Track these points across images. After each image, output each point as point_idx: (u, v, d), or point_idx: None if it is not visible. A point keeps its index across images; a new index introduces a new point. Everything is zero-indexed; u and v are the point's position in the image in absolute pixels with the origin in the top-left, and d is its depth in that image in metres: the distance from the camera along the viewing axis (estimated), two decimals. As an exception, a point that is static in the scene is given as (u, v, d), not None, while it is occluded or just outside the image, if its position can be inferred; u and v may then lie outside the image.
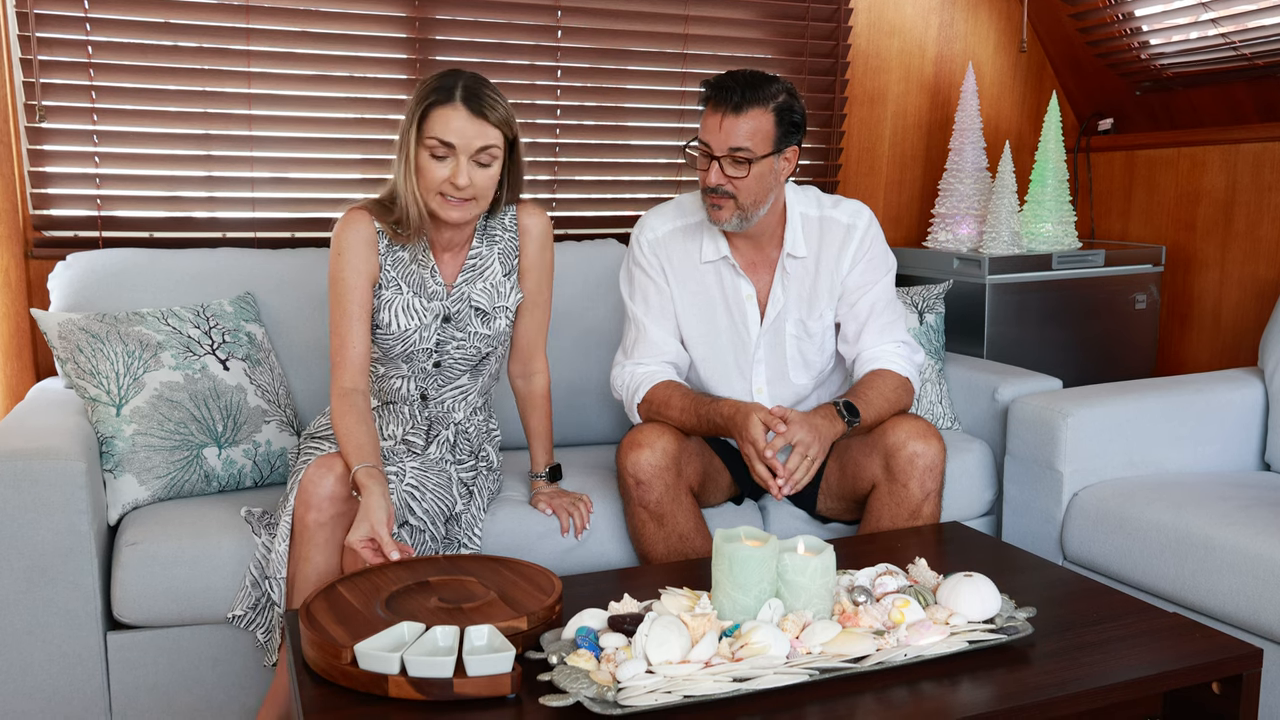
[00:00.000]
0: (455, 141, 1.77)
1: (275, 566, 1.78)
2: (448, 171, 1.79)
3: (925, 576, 1.53)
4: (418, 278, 1.92)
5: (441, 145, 1.78)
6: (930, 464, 1.93)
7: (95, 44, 2.41)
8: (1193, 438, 2.38)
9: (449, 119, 1.77)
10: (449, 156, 1.78)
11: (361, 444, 1.76)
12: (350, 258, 1.86)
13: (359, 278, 1.86)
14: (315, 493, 1.72)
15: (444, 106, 1.77)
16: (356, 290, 1.86)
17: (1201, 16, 2.79)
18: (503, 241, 1.99)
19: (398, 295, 1.90)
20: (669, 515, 1.94)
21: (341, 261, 1.86)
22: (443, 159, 1.79)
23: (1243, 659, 1.40)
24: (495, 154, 1.81)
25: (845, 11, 3.09)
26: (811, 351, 2.11)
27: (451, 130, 1.77)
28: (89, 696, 1.82)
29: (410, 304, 1.91)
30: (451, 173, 1.78)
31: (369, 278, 1.88)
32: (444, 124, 1.77)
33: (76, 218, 2.46)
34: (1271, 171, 2.81)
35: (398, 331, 1.91)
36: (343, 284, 1.86)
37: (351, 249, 1.86)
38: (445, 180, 1.79)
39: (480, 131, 1.78)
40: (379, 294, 1.90)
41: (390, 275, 1.90)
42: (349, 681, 1.27)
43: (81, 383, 2.00)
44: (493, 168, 1.82)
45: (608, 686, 1.24)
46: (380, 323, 1.90)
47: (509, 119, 1.83)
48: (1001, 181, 2.92)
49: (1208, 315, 3.03)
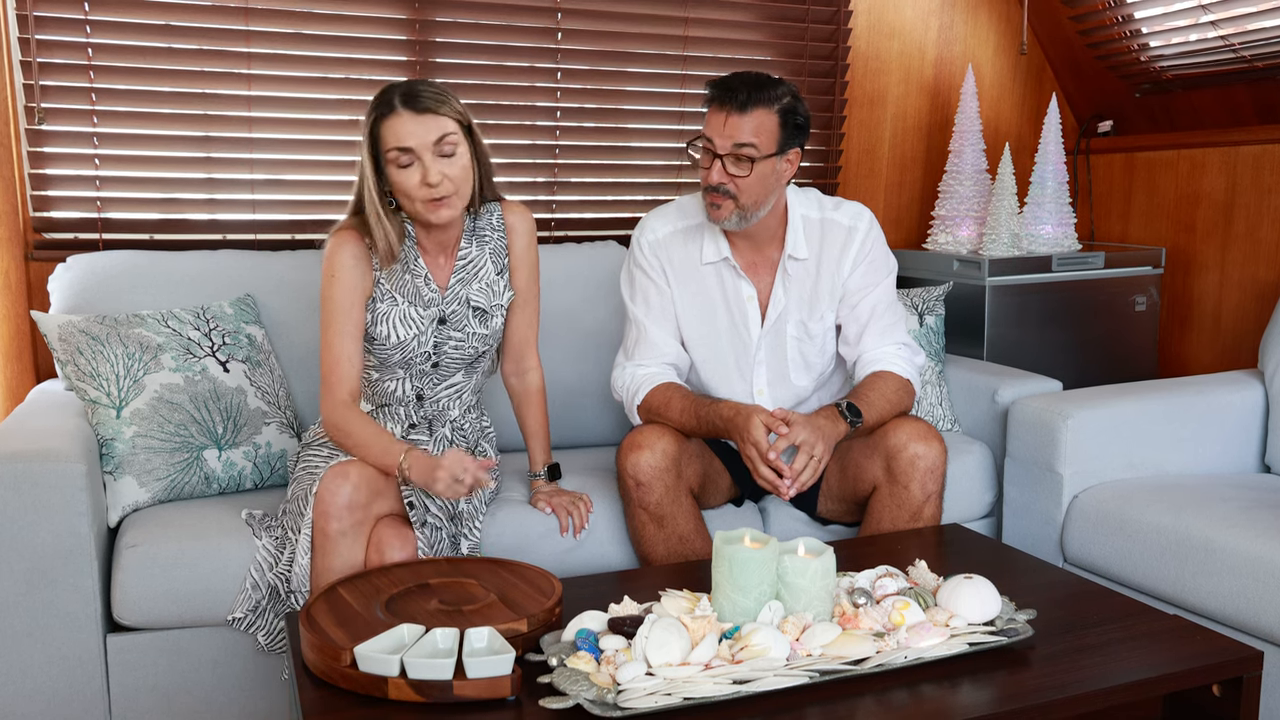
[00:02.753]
0: (412, 144, 1.79)
1: (299, 581, 1.77)
2: (418, 175, 1.80)
3: (925, 578, 1.53)
4: (412, 287, 1.93)
5: (401, 153, 1.79)
6: (931, 466, 1.93)
7: (95, 46, 2.41)
8: (1193, 440, 2.37)
9: (396, 126, 1.79)
10: (413, 161, 1.80)
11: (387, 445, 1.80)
12: (345, 277, 1.87)
13: (354, 295, 1.88)
14: (334, 502, 1.72)
15: (388, 118, 1.80)
16: (353, 309, 1.88)
17: (1201, 19, 2.80)
18: (492, 241, 2.01)
19: (394, 307, 1.92)
20: (669, 517, 1.94)
21: (336, 282, 1.87)
22: (408, 166, 1.80)
23: (1243, 661, 1.40)
24: (454, 141, 1.82)
25: (845, 14, 3.09)
26: (812, 353, 2.11)
27: (403, 134, 1.78)
28: (89, 699, 1.82)
29: (407, 314, 1.92)
30: (422, 175, 1.80)
31: (364, 295, 1.90)
32: (394, 132, 1.79)
33: (77, 220, 2.46)
34: (1271, 174, 2.81)
35: (396, 342, 1.92)
36: (335, 303, 1.87)
37: (346, 268, 1.87)
38: (419, 184, 1.80)
39: (430, 125, 1.79)
40: (374, 308, 1.91)
41: (385, 289, 1.92)
42: (349, 684, 1.27)
43: (81, 385, 2.00)
44: (458, 156, 1.83)
45: (608, 689, 1.24)
46: (377, 335, 1.92)
47: (458, 107, 1.84)
48: (1001, 183, 2.92)
49: (1208, 317, 3.03)
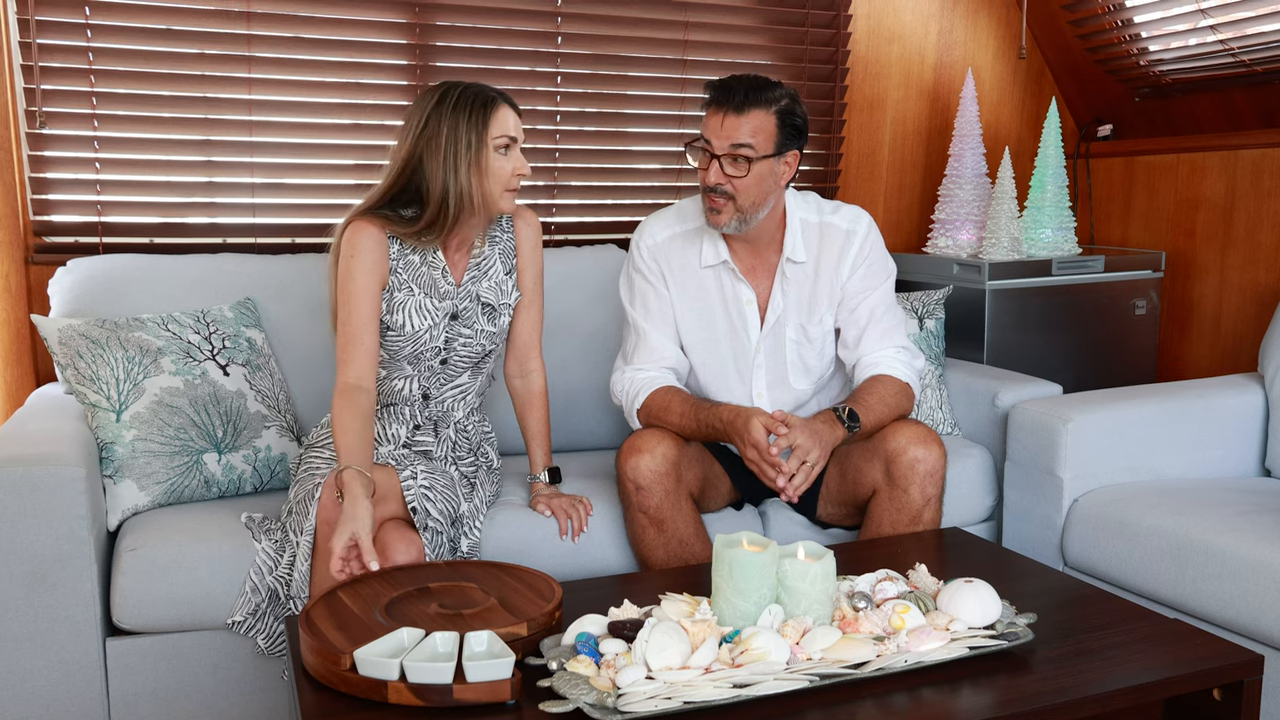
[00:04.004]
0: (516, 135, 1.95)
1: (298, 587, 1.77)
2: (514, 163, 1.93)
3: (925, 582, 1.53)
4: (428, 279, 1.96)
5: (507, 141, 1.92)
6: (931, 469, 1.93)
7: (96, 50, 2.41)
8: (1193, 443, 2.37)
9: (505, 118, 1.93)
10: (511, 149, 1.93)
11: (353, 445, 1.76)
12: (363, 261, 1.89)
13: (372, 280, 1.90)
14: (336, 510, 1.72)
15: (498, 108, 1.92)
16: (369, 293, 1.90)
17: (1200, 23, 2.80)
18: (501, 242, 2.06)
19: (410, 297, 1.94)
20: (669, 520, 1.94)
21: (354, 265, 1.89)
22: (507, 153, 1.93)
23: (1243, 665, 1.40)
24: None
25: (845, 18, 3.09)
26: (811, 356, 2.11)
27: (510, 125, 1.94)
28: (88, 702, 1.81)
29: (422, 305, 1.95)
30: (516, 164, 1.94)
31: (381, 282, 1.92)
32: (503, 123, 1.92)
33: (77, 223, 2.46)
34: (1270, 178, 2.81)
35: (410, 332, 1.94)
36: (355, 286, 1.89)
37: (365, 253, 1.90)
38: (513, 173, 1.94)
39: (520, 124, 1.97)
40: (390, 297, 1.94)
41: (402, 278, 1.94)
42: (348, 688, 1.27)
43: (81, 388, 2.00)
44: None
45: (607, 692, 1.24)
46: (393, 325, 1.94)
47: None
48: (1001, 187, 2.92)
49: (1207, 321, 3.03)
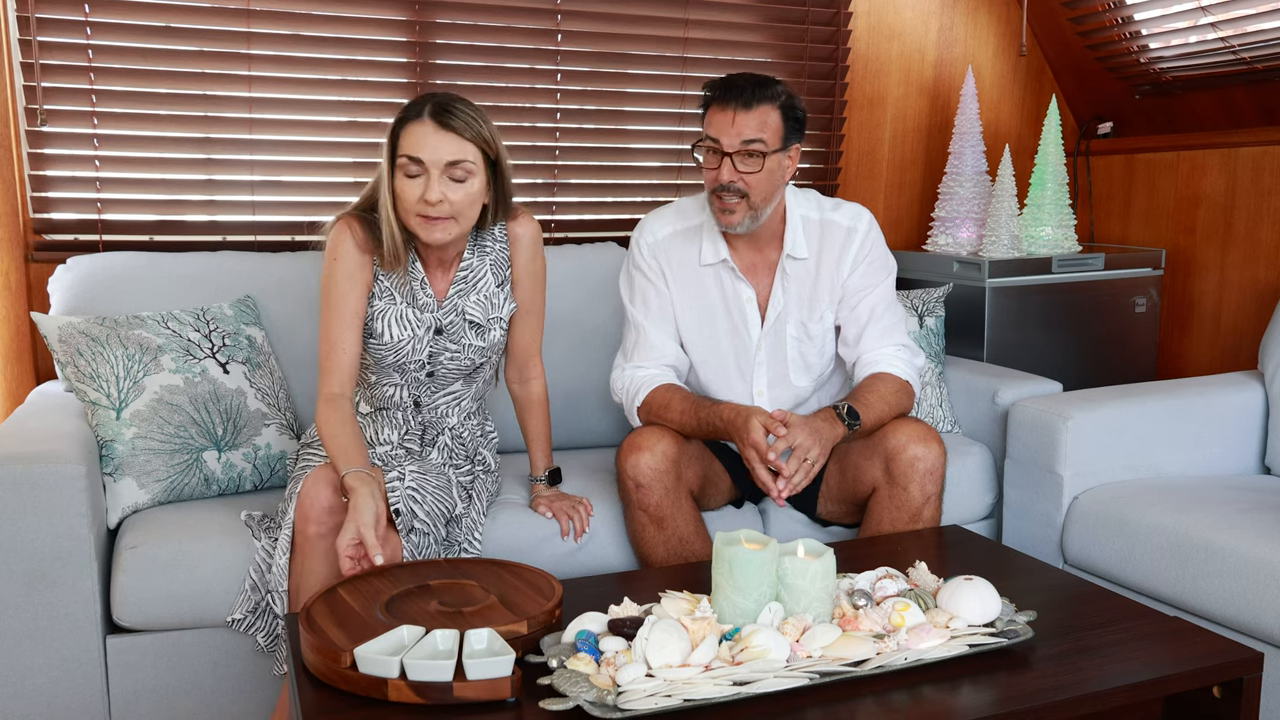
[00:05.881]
0: (424, 156, 1.75)
1: (277, 580, 1.77)
2: (420, 189, 1.76)
3: (925, 580, 1.53)
4: (408, 289, 1.92)
5: (411, 162, 1.76)
6: (931, 467, 1.93)
7: (96, 48, 2.41)
8: (1193, 441, 2.37)
9: (417, 134, 1.75)
10: (421, 174, 1.76)
11: (346, 447, 1.76)
12: (346, 263, 1.85)
13: (354, 283, 1.86)
14: (314, 505, 1.72)
15: (413, 123, 1.76)
16: (350, 296, 1.86)
17: (1200, 20, 2.80)
18: (494, 252, 1.98)
19: (391, 305, 1.90)
20: (669, 518, 1.94)
21: (337, 267, 1.86)
22: (415, 177, 1.77)
23: (1243, 663, 1.40)
24: (470, 170, 1.78)
25: (845, 15, 3.09)
26: (812, 354, 2.11)
27: (420, 145, 1.75)
28: (88, 700, 1.82)
29: (403, 314, 1.91)
30: (424, 190, 1.76)
31: (364, 285, 1.88)
32: (413, 140, 1.76)
33: (77, 221, 2.46)
34: (1271, 175, 2.81)
35: (390, 342, 1.91)
36: (337, 289, 1.85)
37: (348, 255, 1.86)
38: (419, 199, 1.76)
39: (449, 145, 1.76)
40: (372, 303, 1.90)
41: (384, 285, 1.90)
42: (348, 685, 1.27)
43: (81, 386, 2.00)
44: (469, 184, 1.79)
45: (608, 690, 1.24)
46: (374, 332, 1.91)
47: (487, 137, 1.80)
48: (1001, 185, 2.92)
49: (1208, 319, 3.03)
